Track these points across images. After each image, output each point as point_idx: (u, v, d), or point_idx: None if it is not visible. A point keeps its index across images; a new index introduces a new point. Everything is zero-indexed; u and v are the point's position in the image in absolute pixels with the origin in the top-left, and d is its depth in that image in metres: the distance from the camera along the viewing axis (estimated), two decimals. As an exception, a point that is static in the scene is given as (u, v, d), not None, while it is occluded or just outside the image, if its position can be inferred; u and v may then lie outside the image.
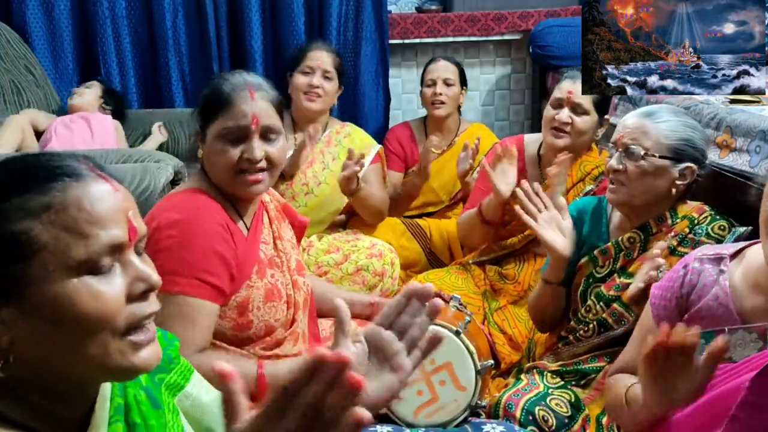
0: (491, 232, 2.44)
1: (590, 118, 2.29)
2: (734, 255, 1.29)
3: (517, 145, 2.46)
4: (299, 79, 2.70)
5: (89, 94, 2.98)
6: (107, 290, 0.78)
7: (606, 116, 2.35)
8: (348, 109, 3.41)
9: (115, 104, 3.06)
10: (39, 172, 0.79)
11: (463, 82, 3.12)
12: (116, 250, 0.80)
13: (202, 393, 1.07)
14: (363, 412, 0.72)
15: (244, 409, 0.75)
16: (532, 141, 2.49)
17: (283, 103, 1.65)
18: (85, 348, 0.77)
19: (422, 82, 3.13)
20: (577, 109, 2.27)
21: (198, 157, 1.66)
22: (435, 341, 0.95)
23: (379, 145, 2.88)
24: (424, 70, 3.14)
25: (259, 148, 1.55)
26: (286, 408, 0.71)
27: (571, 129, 2.27)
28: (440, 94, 3.03)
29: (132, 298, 0.81)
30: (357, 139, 2.83)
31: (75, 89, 3.03)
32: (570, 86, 2.28)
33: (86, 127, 2.84)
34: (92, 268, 0.78)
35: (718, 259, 1.29)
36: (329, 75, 2.73)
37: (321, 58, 2.73)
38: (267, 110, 1.57)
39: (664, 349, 1.07)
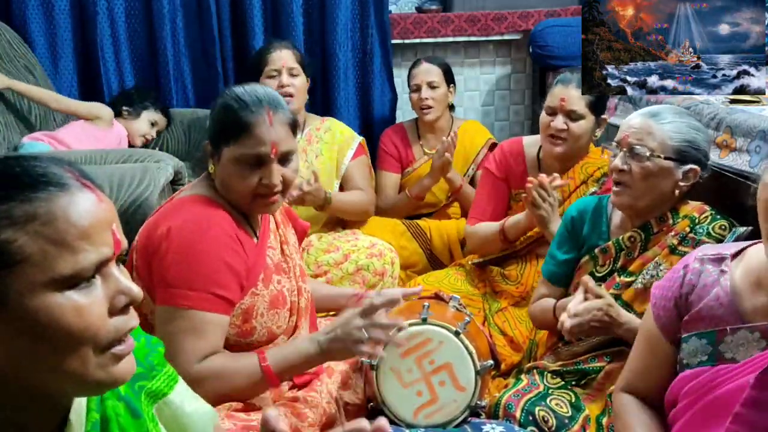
0: (505, 247, 2.45)
1: (585, 122, 2.27)
2: (735, 255, 1.28)
3: (516, 149, 2.47)
4: (268, 84, 2.65)
5: (150, 136, 3.05)
6: (90, 305, 0.76)
7: (603, 116, 2.34)
8: (355, 110, 3.41)
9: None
10: (22, 179, 0.75)
11: (450, 80, 3.09)
12: (102, 265, 0.78)
13: (186, 402, 1.04)
14: None
15: None
16: (531, 144, 2.48)
17: (297, 122, 1.63)
18: (63, 362, 0.75)
19: (408, 87, 3.12)
20: (571, 115, 2.25)
21: (206, 168, 1.65)
22: None
23: (361, 137, 2.87)
24: (409, 75, 3.11)
25: (277, 174, 1.55)
26: None
27: (568, 135, 2.26)
28: (426, 98, 2.99)
29: (114, 312, 0.78)
30: (337, 132, 2.83)
31: (148, 135, 3.05)
32: (562, 92, 2.26)
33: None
34: (76, 282, 0.75)
35: (719, 260, 1.28)
36: (295, 71, 2.71)
37: (283, 57, 2.70)
38: (285, 135, 1.56)
39: None
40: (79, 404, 0.85)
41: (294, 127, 1.60)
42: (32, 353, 0.74)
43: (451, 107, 3.17)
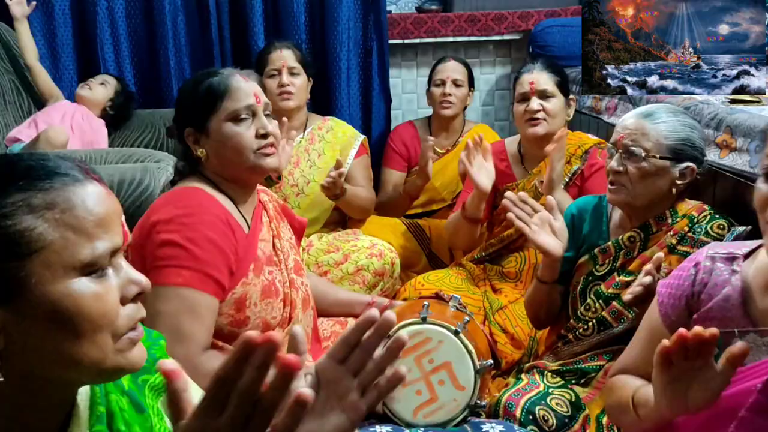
0: (476, 232, 2.47)
1: (557, 101, 2.39)
2: (747, 255, 1.25)
3: (498, 148, 2.55)
4: (268, 83, 2.69)
5: (99, 93, 2.98)
6: (106, 292, 0.78)
7: (571, 96, 2.46)
8: (357, 110, 3.42)
9: (123, 109, 3.05)
10: (38, 171, 0.78)
11: (471, 83, 3.13)
12: (113, 254, 0.80)
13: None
14: (305, 392, 0.69)
15: (189, 406, 0.73)
16: (511, 141, 2.58)
17: (265, 85, 1.72)
18: (81, 350, 0.77)
19: (430, 81, 3.13)
20: (543, 95, 2.38)
21: (192, 159, 1.66)
22: (395, 380, 0.82)
23: (363, 136, 2.88)
24: (433, 69, 3.14)
25: (269, 123, 1.63)
26: (224, 399, 0.70)
27: (544, 114, 2.37)
28: (449, 94, 3.03)
29: (125, 301, 0.81)
30: (339, 132, 2.84)
31: (89, 80, 3.01)
32: (529, 78, 2.40)
33: (80, 133, 2.86)
34: (93, 270, 0.77)
35: (730, 259, 1.25)
36: (295, 71, 2.73)
37: (283, 56, 2.73)
38: (261, 90, 1.66)
39: (681, 348, 1.02)
40: (83, 398, 0.86)
41: (263, 88, 1.71)
42: (50, 342, 0.76)
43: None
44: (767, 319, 1.17)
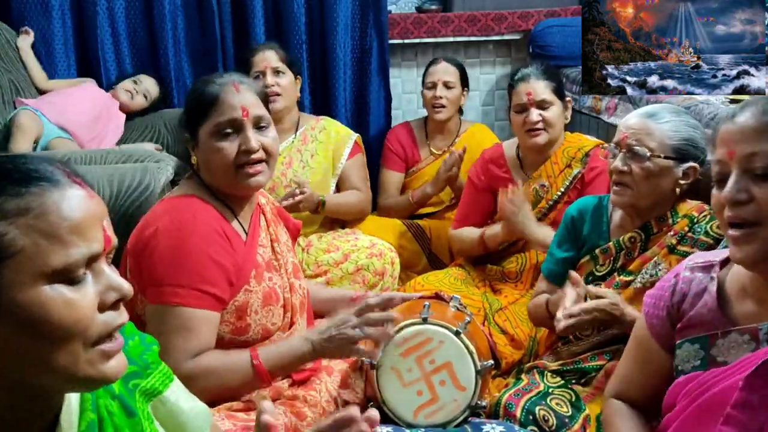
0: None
1: (556, 108, 2.37)
2: (724, 262, 1.29)
3: (497, 154, 2.55)
4: None
5: (137, 103, 3.08)
6: (81, 299, 0.76)
7: (567, 99, 2.44)
8: (350, 109, 3.42)
9: (148, 113, 3.14)
10: (13, 175, 0.76)
11: (465, 83, 3.12)
12: (92, 260, 0.79)
13: (181, 400, 1.05)
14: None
15: None
16: (510, 146, 2.56)
17: (268, 98, 1.68)
18: (53, 357, 0.76)
19: (423, 84, 3.13)
20: (542, 105, 2.35)
21: (191, 164, 1.65)
22: None
23: (356, 135, 2.88)
24: (425, 72, 3.13)
25: (254, 138, 1.56)
26: None
27: (545, 124, 2.35)
28: (440, 97, 3.01)
29: (104, 307, 0.79)
30: (332, 131, 2.83)
31: (134, 86, 3.08)
32: (526, 88, 2.36)
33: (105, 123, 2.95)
34: (67, 276, 0.76)
35: (708, 267, 1.29)
36: (280, 69, 2.72)
37: (265, 58, 2.72)
38: (254, 101, 1.59)
39: None
40: (70, 404, 0.85)
41: (265, 99, 1.64)
42: (23, 348, 0.75)
43: (460, 111, 3.18)
44: (745, 321, 1.20)
